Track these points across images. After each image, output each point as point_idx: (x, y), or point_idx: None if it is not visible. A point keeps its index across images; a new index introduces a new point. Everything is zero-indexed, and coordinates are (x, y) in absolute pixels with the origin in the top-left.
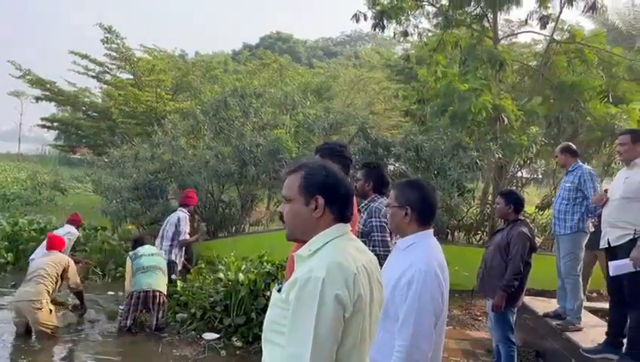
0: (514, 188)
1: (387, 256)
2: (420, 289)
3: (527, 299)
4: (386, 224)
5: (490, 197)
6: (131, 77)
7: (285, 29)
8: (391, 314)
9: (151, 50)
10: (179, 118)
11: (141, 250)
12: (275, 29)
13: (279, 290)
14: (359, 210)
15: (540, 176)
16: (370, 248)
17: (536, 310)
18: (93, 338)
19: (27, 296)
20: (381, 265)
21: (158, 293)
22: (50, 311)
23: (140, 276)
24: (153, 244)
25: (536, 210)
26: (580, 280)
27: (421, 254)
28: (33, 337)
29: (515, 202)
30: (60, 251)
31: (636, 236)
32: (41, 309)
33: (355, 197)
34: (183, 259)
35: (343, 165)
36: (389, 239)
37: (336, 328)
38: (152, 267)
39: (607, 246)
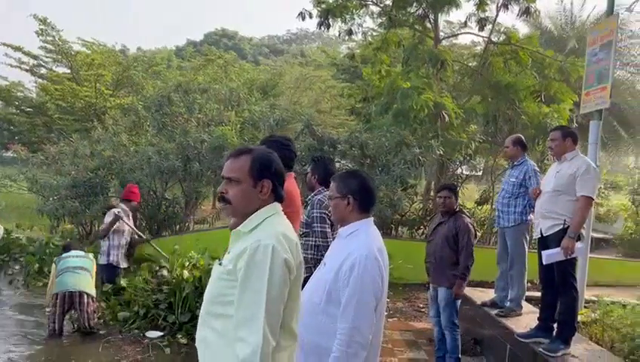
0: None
1: (326, 246)
2: (362, 274)
3: (466, 290)
4: (327, 215)
5: (432, 194)
6: (68, 71)
7: (231, 26)
8: (334, 299)
9: (89, 43)
10: (120, 113)
11: (68, 254)
12: (220, 26)
13: (221, 264)
14: (305, 203)
15: (480, 173)
16: (312, 238)
17: (474, 300)
18: (29, 341)
19: None
20: (321, 255)
21: (84, 294)
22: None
23: (64, 276)
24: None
25: (476, 205)
26: (525, 270)
27: (362, 240)
28: None
29: (457, 194)
30: None
31: (566, 226)
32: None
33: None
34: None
35: (288, 159)
36: (328, 230)
37: (284, 290)
38: (77, 267)
39: (539, 236)
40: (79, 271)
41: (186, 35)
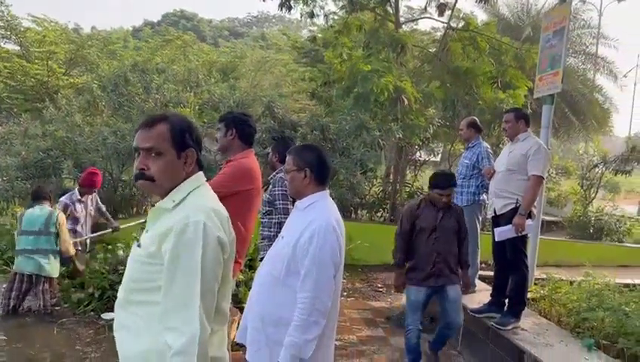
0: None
1: None
2: (321, 244)
3: None
4: (287, 193)
5: (391, 177)
6: (18, 48)
7: (189, 7)
8: (292, 271)
9: (40, 20)
10: (74, 93)
11: (27, 219)
12: (179, 7)
13: (139, 245)
14: (267, 182)
15: (438, 159)
16: (276, 216)
17: None
18: None
19: None
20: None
21: (41, 277)
22: None
23: (20, 258)
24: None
25: None
26: (477, 248)
27: (320, 212)
28: None
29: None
30: None
31: (518, 205)
32: None
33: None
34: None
35: (247, 135)
36: (291, 207)
37: (218, 270)
38: (33, 251)
39: (493, 215)
40: (35, 257)
41: (143, 16)
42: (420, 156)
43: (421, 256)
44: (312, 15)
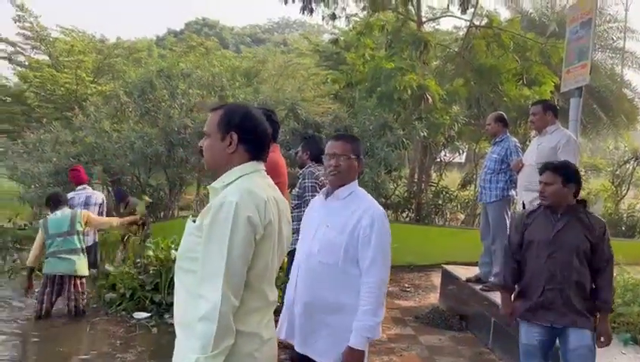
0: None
1: None
2: (382, 230)
3: (450, 268)
4: (318, 185)
5: (416, 177)
6: (47, 58)
7: (212, 15)
8: (350, 258)
9: (69, 30)
10: (101, 100)
11: (52, 223)
12: (201, 15)
13: (194, 221)
14: (297, 177)
15: (462, 161)
16: (304, 208)
17: (459, 277)
18: (15, 322)
19: None
20: None
21: (73, 277)
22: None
23: (52, 260)
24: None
25: (459, 187)
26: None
27: (369, 199)
28: None
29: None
30: None
31: None
32: None
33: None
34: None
35: (272, 130)
36: None
37: (248, 249)
38: (65, 251)
39: (522, 209)
40: (68, 257)
41: (166, 25)
42: (445, 155)
43: (528, 279)
44: (333, 17)
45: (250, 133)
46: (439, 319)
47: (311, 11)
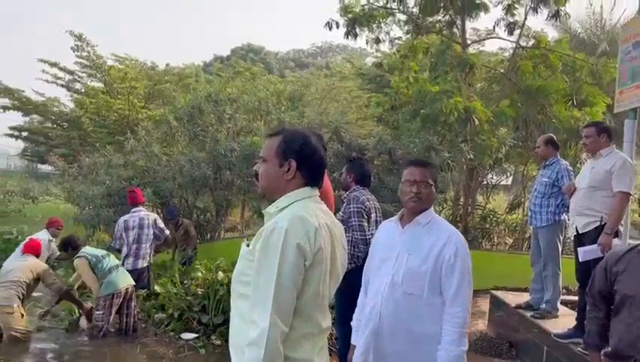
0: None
1: (364, 240)
2: (465, 257)
3: (499, 294)
4: (364, 210)
5: (462, 200)
6: (102, 85)
7: (256, 41)
8: (434, 287)
9: (122, 58)
10: (152, 125)
11: (92, 250)
12: (246, 41)
13: (248, 245)
14: (342, 201)
15: (509, 183)
16: (349, 234)
17: (508, 303)
18: (67, 341)
19: None
20: (359, 250)
21: (133, 288)
22: (22, 315)
23: (113, 276)
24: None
25: (507, 210)
26: (559, 271)
27: (449, 226)
28: (4, 340)
29: None
30: (37, 256)
31: (603, 223)
32: (12, 314)
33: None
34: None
35: None
36: (365, 224)
37: (297, 275)
38: (118, 265)
39: (575, 233)
40: (121, 269)
41: (212, 51)
42: (492, 178)
43: (620, 340)
44: (377, 41)
45: (308, 160)
46: (488, 346)
47: (355, 36)
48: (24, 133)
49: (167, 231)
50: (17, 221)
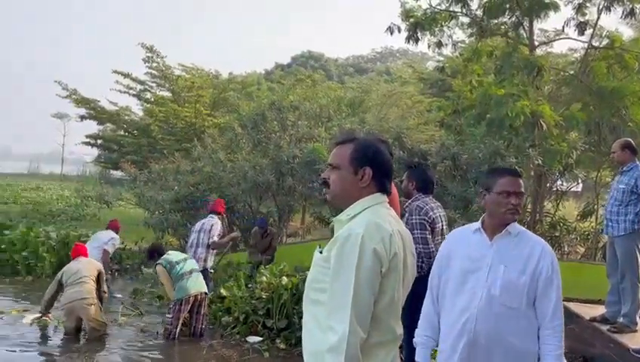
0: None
1: (428, 253)
2: (558, 269)
3: (571, 305)
4: (426, 221)
5: (529, 207)
6: (170, 94)
7: (316, 48)
8: (529, 300)
9: (189, 68)
10: (217, 132)
11: (172, 256)
12: (307, 48)
13: (321, 252)
14: (404, 210)
15: (579, 189)
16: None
17: (583, 316)
18: (137, 341)
19: (78, 295)
20: (421, 261)
21: (204, 295)
22: (100, 308)
23: (184, 282)
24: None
25: (578, 218)
26: (638, 282)
27: (539, 238)
28: (81, 341)
29: None
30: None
31: None
32: (93, 305)
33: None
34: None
35: None
36: (429, 236)
37: (374, 281)
38: (194, 270)
39: None
40: (195, 275)
41: (273, 59)
42: (562, 184)
43: None
44: (439, 45)
45: (381, 168)
46: None
47: (416, 40)
48: (99, 141)
49: (214, 238)
50: (92, 225)
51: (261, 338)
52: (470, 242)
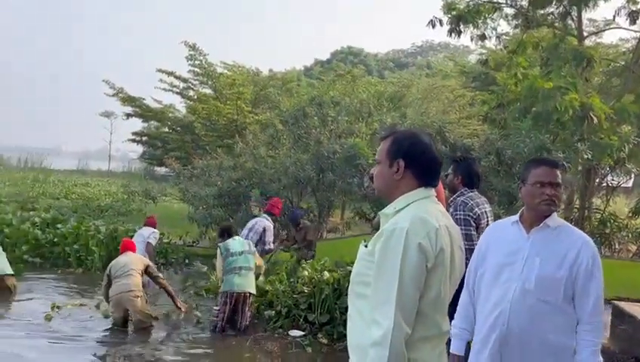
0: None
1: (471, 249)
2: (600, 263)
3: (623, 305)
4: (471, 217)
5: (577, 203)
6: (212, 92)
7: (355, 43)
8: (567, 295)
9: (231, 65)
10: (259, 128)
11: (232, 245)
12: (346, 43)
13: (366, 246)
14: (448, 205)
15: (630, 185)
16: None
17: (635, 315)
18: (183, 333)
19: (125, 287)
20: (465, 258)
21: (248, 294)
22: (146, 301)
23: (231, 276)
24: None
25: (631, 214)
26: None
27: (581, 231)
28: (129, 333)
29: None
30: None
31: None
32: (139, 297)
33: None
34: None
35: None
36: (473, 233)
37: (419, 276)
38: (244, 268)
39: None
40: (245, 273)
41: (313, 56)
42: (613, 179)
43: None
44: (483, 37)
45: (418, 160)
46: None
47: (459, 33)
48: (144, 138)
49: (270, 246)
50: (139, 219)
51: (303, 333)
52: (507, 235)
